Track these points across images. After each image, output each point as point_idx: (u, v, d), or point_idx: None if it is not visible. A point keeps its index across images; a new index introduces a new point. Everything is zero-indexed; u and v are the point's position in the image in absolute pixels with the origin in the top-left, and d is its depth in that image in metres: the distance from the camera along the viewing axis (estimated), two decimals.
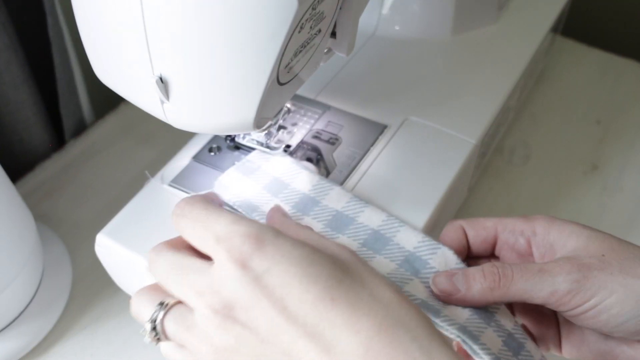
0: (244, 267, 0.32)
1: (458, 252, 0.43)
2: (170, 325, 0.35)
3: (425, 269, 0.41)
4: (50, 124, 0.65)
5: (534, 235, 0.41)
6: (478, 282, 0.39)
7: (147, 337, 0.36)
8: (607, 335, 0.41)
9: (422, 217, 0.45)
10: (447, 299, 0.40)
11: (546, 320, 0.44)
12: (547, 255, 0.41)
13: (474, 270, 0.39)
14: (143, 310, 0.36)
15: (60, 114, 0.64)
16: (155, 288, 0.37)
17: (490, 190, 0.62)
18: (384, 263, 0.41)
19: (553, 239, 0.40)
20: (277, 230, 0.34)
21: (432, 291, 0.40)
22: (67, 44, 0.63)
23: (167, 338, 0.35)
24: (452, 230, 0.43)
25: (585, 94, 0.72)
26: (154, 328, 0.35)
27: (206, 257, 0.34)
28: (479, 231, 0.43)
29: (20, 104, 0.60)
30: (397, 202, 0.45)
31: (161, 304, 0.35)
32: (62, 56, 0.62)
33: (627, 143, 0.66)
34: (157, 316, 0.35)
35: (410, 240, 0.43)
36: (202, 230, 0.34)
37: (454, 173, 0.48)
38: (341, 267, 0.33)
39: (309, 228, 0.38)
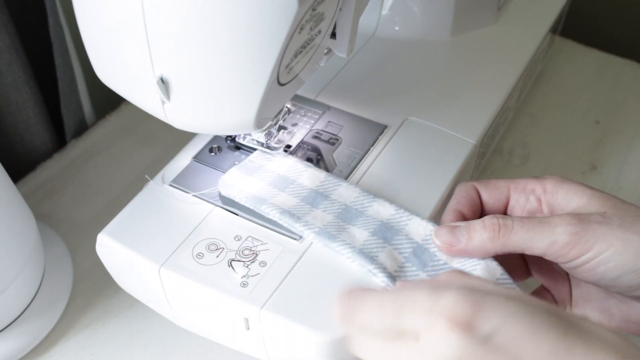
0: (470, 329, 0.29)
1: (472, 211, 0.43)
2: None
3: (432, 261, 0.42)
4: (52, 124, 0.65)
5: (544, 193, 0.42)
6: (478, 233, 0.40)
7: None
8: (606, 294, 0.42)
9: (421, 216, 0.45)
10: (448, 251, 0.41)
11: (560, 279, 0.45)
12: (554, 212, 0.42)
13: (475, 222, 0.40)
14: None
15: (61, 114, 0.65)
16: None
17: None
18: (393, 255, 0.42)
19: (560, 197, 0.41)
20: (480, 288, 0.32)
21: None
22: (68, 44, 0.63)
23: None
24: (465, 190, 0.44)
25: (584, 94, 0.72)
26: None
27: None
28: (492, 191, 0.44)
29: (22, 104, 0.60)
30: (396, 202, 0.45)
31: None
32: (63, 56, 0.62)
33: (625, 143, 0.67)
34: None
35: (419, 232, 0.43)
36: (401, 308, 0.31)
37: (453, 173, 0.48)
38: (556, 315, 0.31)
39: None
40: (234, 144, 0.49)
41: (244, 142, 0.49)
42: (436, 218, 0.46)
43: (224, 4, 0.33)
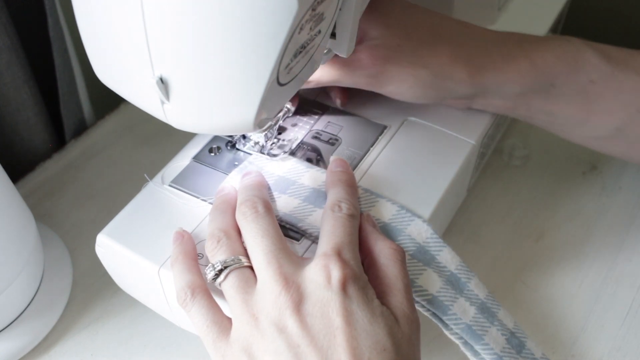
0: (342, 286, 0.35)
1: None
2: (228, 288, 0.38)
3: (435, 261, 0.42)
4: (51, 124, 0.65)
5: None
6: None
7: (208, 275, 0.39)
8: None
9: (422, 217, 0.45)
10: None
11: None
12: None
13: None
14: (214, 248, 0.39)
15: (61, 114, 0.64)
16: (237, 237, 0.40)
17: (489, 190, 0.62)
18: None
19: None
20: (368, 283, 0.37)
21: (444, 283, 0.41)
22: (68, 44, 0.63)
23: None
24: None
25: None
26: (216, 275, 0.38)
27: None
28: None
29: (21, 104, 0.60)
30: (397, 202, 0.45)
31: (234, 260, 0.38)
32: (63, 56, 0.62)
33: None
34: (220, 270, 0.38)
35: (421, 234, 0.43)
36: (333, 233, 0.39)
37: (453, 173, 0.48)
38: (398, 335, 0.36)
39: (402, 254, 0.40)
40: (233, 150, 0.49)
41: (244, 149, 0.49)
42: (436, 218, 0.46)
43: (223, 4, 0.33)
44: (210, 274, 0.38)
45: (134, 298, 0.49)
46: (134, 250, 0.43)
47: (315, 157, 0.49)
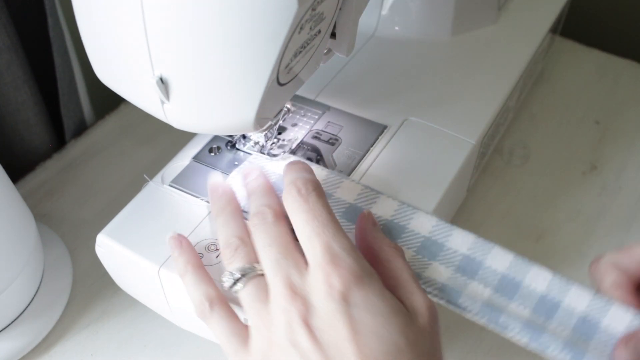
0: (343, 296, 0.34)
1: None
2: (245, 296, 0.37)
3: (443, 251, 0.42)
4: (51, 124, 0.65)
5: None
6: None
7: (225, 283, 0.38)
8: None
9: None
10: None
11: None
12: None
13: None
14: (231, 255, 0.39)
15: (61, 114, 0.64)
16: (251, 243, 0.39)
17: (489, 190, 0.62)
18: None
19: None
20: (373, 273, 0.36)
21: (453, 271, 0.41)
22: (68, 44, 0.63)
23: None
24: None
25: (584, 95, 0.72)
26: (233, 284, 0.38)
27: None
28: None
29: (21, 104, 0.60)
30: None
31: (250, 268, 0.38)
32: (63, 57, 0.62)
33: (626, 143, 0.67)
34: (237, 278, 0.38)
35: (424, 225, 0.43)
36: (320, 231, 0.37)
37: (453, 173, 0.48)
38: (413, 331, 0.35)
39: (401, 251, 0.39)
40: (233, 150, 0.49)
41: (244, 149, 0.49)
42: None
43: (223, 4, 0.33)
44: (227, 282, 0.38)
45: (134, 298, 0.49)
46: (134, 250, 0.43)
47: (315, 157, 0.49)
